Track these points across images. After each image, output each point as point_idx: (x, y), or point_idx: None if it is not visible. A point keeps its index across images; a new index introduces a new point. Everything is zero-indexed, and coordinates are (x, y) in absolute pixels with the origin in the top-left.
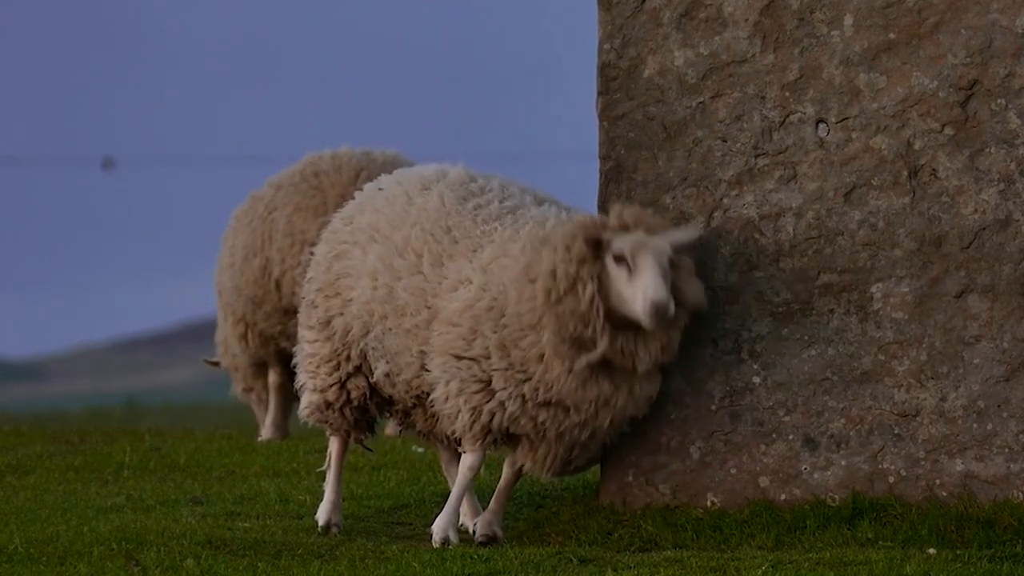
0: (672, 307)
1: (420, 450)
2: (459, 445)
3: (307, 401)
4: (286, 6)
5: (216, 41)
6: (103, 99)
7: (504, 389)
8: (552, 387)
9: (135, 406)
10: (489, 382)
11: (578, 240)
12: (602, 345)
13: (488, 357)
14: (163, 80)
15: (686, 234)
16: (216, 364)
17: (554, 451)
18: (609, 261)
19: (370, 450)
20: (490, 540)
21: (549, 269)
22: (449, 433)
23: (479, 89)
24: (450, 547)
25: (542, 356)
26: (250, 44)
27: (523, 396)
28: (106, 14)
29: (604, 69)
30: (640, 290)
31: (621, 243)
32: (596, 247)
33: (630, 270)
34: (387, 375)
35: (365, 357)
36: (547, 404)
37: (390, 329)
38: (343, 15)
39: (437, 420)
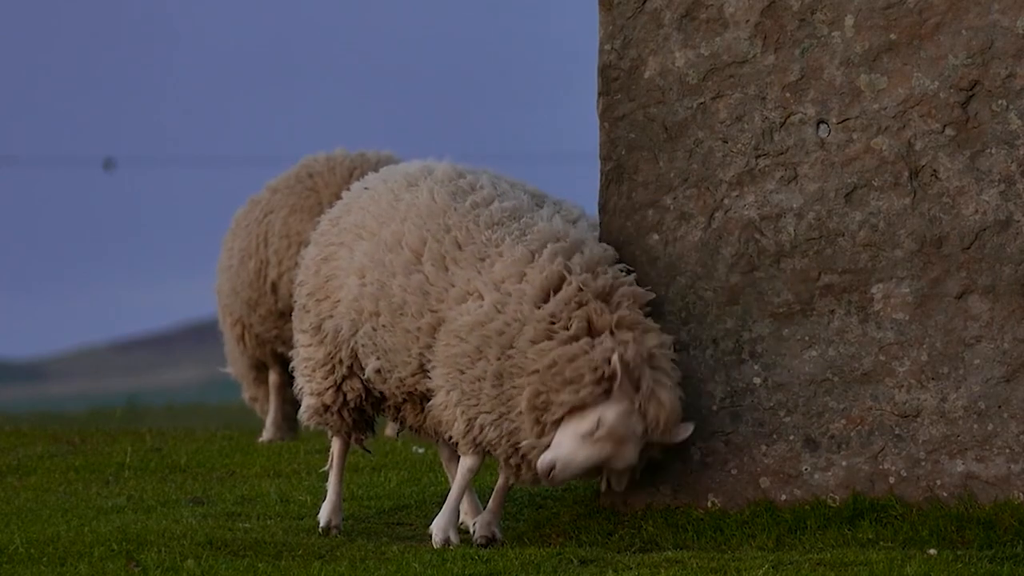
0: (553, 481)
1: (421, 451)
2: (453, 444)
3: (306, 404)
4: (292, 6)
5: (220, 42)
6: (105, 99)
7: (488, 414)
8: (521, 441)
9: (136, 406)
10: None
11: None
12: (547, 439)
13: (484, 379)
14: (165, 80)
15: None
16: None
17: (532, 477)
18: (597, 410)
19: (369, 451)
20: (489, 541)
21: (575, 353)
22: (445, 438)
23: (480, 90)
24: (451, 547)
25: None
26: (254, 44)
27: (501, 429)
28: (108, 15)
29: (605, 70)
30: (557, 451)
31: (611, 418)
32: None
33: (588, 432)
34: (378, 371)
35: (356, 356)
36: (519, 450)
37: (384, 326)
38: (349, 16)
39: (426, 417)
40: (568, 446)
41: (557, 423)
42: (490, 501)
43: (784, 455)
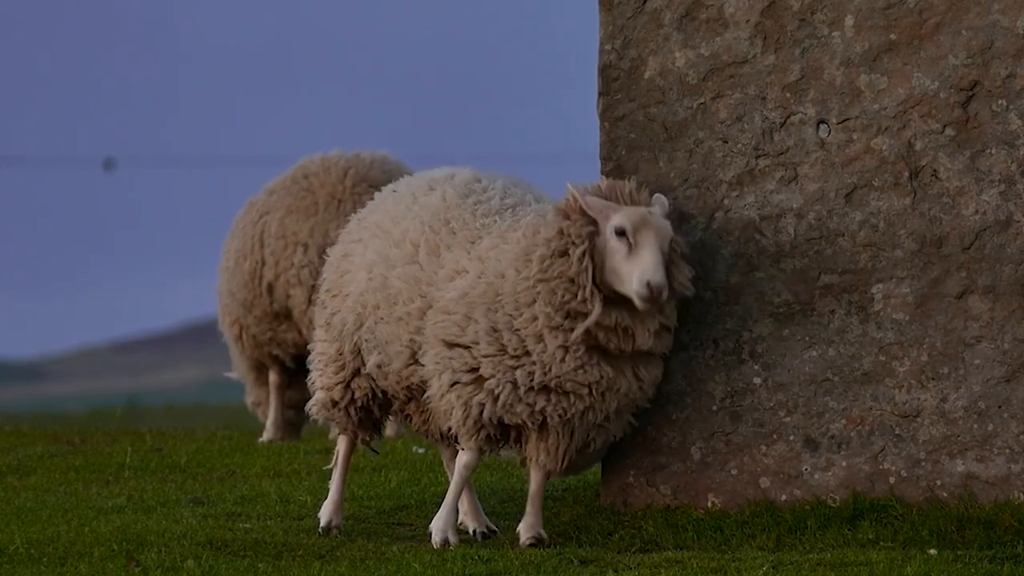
0: (667, 292)
1: (421, 451)
2: (456, 442)
3: (316, 398)
4: (292, 6)
5: (220, 41)
6: (105, 99)
7: (493, 377)
8: (549, 369)
9: (136, 406)
10: (478, 370)
11: (571, 201)
12: (595, 312)
13: (478, 343)
14: (166, 81)
15: (664, 203)
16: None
17: (564, 442)
18: (609, 233)
19: (376, 452)
20: (538, 542)
21: (545, 236)
22: (445, 430)
23: (480, 90)
24: (450, 547)
25: (540, 336)
26: (254, 44)
27: (514, 383)
28: (108, 15)
29: (605, 70)
30: (638, 268)
31: (623, 217)
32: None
33: (630, 246)
34: (379, 366)
35: (359, 352)
36: (545, 390)
37: (381, 319)
38: (349, 16)
39: (431, 416)
40: (634, 270)
41: (597, 294)
42: (528, 504)
43: (784, 455)
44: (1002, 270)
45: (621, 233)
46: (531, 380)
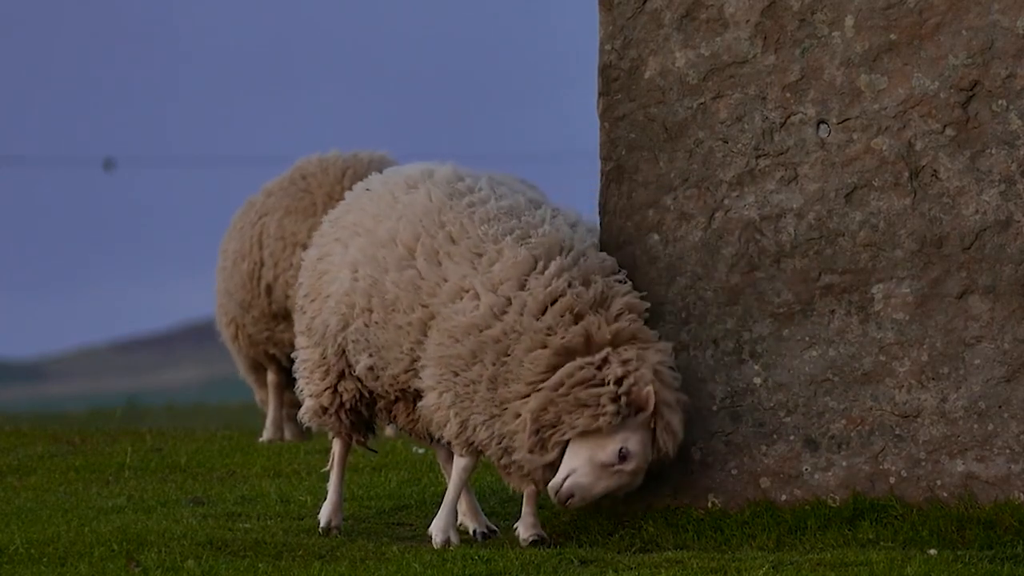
0: (567, 507)
1: (421, 451)
2: (447, 445)
3: (305, 406)
4: (292, 6)
5: (220, 41)
6: (105, 99)
7: (479, 415)
8: (516, 448)
9: (136, 406)
10: (475, 400)
11: (642, 398)
12: (548, 457)
13: (480, 383)
14: (166, 81)
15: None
16: None
17: (520, 479)
18: (619, 438)
19: (374, 451)
20: (540, 541)
21: (582, 375)
22: (436, 437)
23: (480, 90)
24: (451, 548)
25: (518, 415)
26: (254, 44)
27: (492, 430)
28: (108, 15)
29: (605, 70)
30: (578, 484)
31: (636, 456)
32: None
33: (608, 467)
34: (371, 368)
35: (344, 353)
36: (509, 452)
37: (376, 323)
38: (349, 16)
39: (420, 418)
40: (588, 475)
41: (562, 443)
42: (524, 506)
43: (784, 455)
44: (1002, 270)
45: (621, 457)
46: (502, 440)
